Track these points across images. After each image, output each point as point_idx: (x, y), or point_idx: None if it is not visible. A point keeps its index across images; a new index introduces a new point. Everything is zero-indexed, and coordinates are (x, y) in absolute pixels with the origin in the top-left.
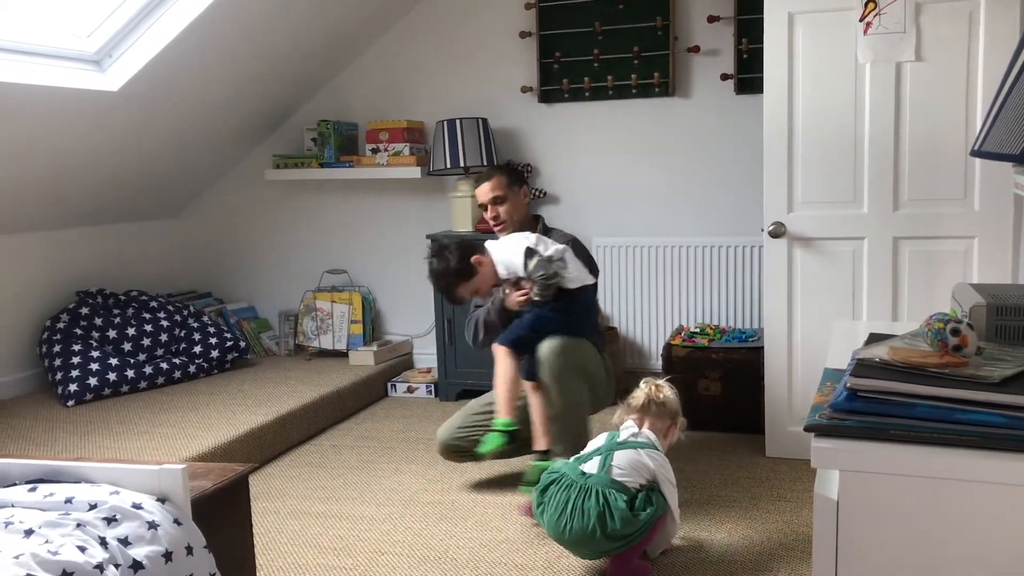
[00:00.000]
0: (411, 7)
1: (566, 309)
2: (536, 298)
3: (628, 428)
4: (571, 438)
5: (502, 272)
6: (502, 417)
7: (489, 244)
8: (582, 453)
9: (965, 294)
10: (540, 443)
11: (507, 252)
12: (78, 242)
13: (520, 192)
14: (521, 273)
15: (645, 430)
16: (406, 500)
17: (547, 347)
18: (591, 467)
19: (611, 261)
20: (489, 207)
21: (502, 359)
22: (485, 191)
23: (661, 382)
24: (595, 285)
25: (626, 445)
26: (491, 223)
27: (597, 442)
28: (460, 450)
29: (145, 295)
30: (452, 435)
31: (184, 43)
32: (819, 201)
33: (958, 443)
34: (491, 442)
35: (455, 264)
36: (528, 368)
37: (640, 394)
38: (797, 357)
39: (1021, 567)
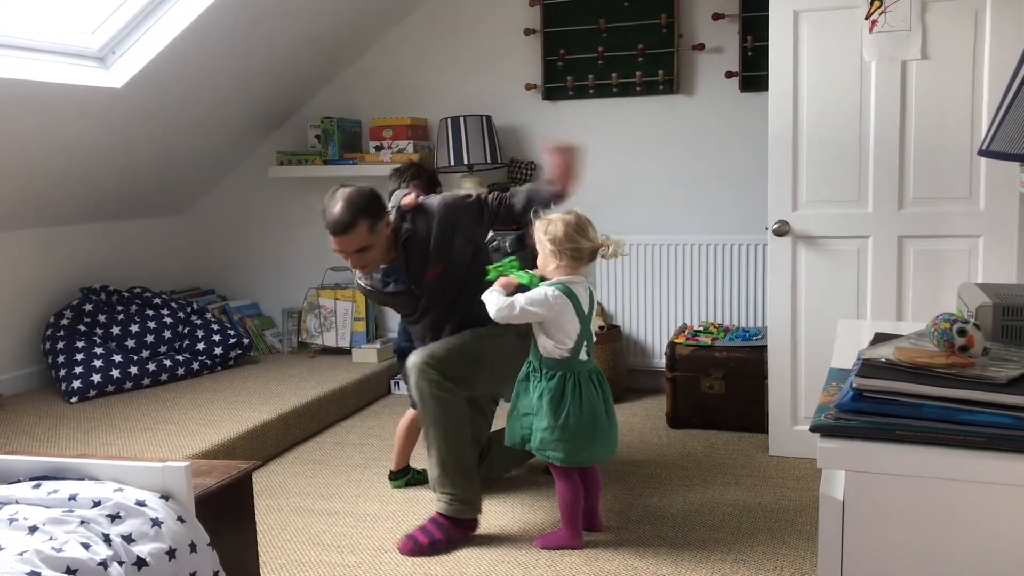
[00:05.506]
0: (415, 4)
1: None
2: None
3: (580, 285)
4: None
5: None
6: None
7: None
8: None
9: (971, 294)
10: None
11: None
12: (82, 239)
13: (383, 225)
14: None
15: (585, 284)
16: (409, 497)
17: None
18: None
19: (615, 259)
20: (352, 258)
21: None
22: (346, 248)
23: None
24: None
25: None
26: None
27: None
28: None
29: (149, 292)
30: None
31: (188, 40)
32: (824, 199)
33: (964, 444)
34: None
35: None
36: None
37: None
38: (801, 356)
39: None
